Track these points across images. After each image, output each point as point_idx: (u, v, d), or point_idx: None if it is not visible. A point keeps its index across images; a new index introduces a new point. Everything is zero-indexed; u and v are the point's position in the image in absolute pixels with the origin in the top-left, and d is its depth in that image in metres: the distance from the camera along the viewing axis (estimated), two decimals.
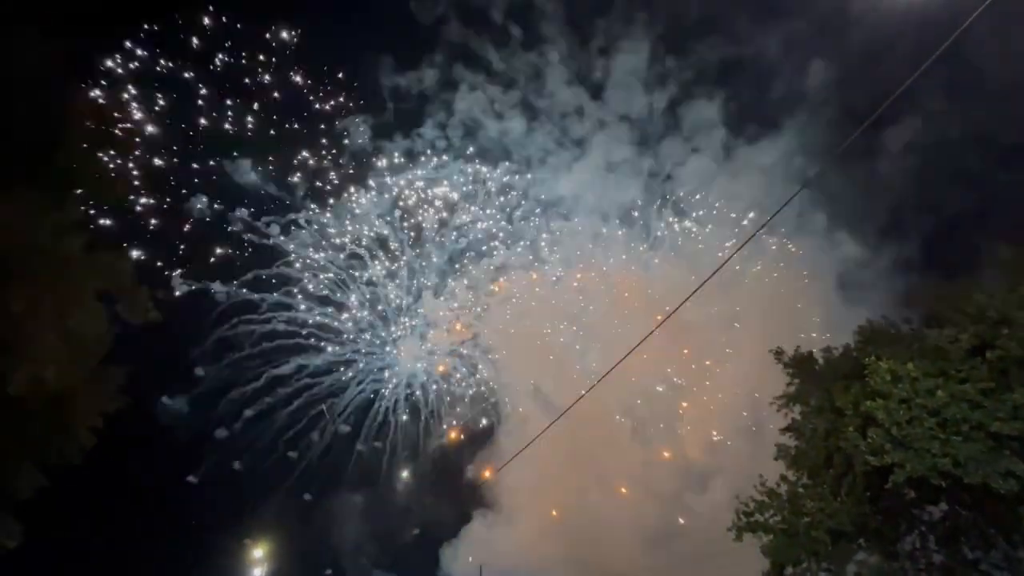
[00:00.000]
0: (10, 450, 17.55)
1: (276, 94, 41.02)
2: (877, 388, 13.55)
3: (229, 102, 39.84)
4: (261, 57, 40.19)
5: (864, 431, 13.84)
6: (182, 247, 39.50)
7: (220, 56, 39.41)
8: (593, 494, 40.87)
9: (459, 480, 42.81)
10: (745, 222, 42.96)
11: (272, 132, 41.39)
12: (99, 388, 20.50)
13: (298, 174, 42.95)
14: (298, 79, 41.62)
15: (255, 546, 33.98)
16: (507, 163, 46.47)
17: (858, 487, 14.46)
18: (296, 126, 42.27)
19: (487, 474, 40.53)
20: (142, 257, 37.18)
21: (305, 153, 42.76)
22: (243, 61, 39.99)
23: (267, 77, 40.44)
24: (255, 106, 40.65)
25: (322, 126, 43.07)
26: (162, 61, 37.62)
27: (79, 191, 21.15)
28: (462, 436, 43.82)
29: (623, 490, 41.20)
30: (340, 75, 42.46)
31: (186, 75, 38.56)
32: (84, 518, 30.00)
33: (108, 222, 33.20)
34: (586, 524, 38.87)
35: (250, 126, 40.54)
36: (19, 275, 17.14)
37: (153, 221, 37.99)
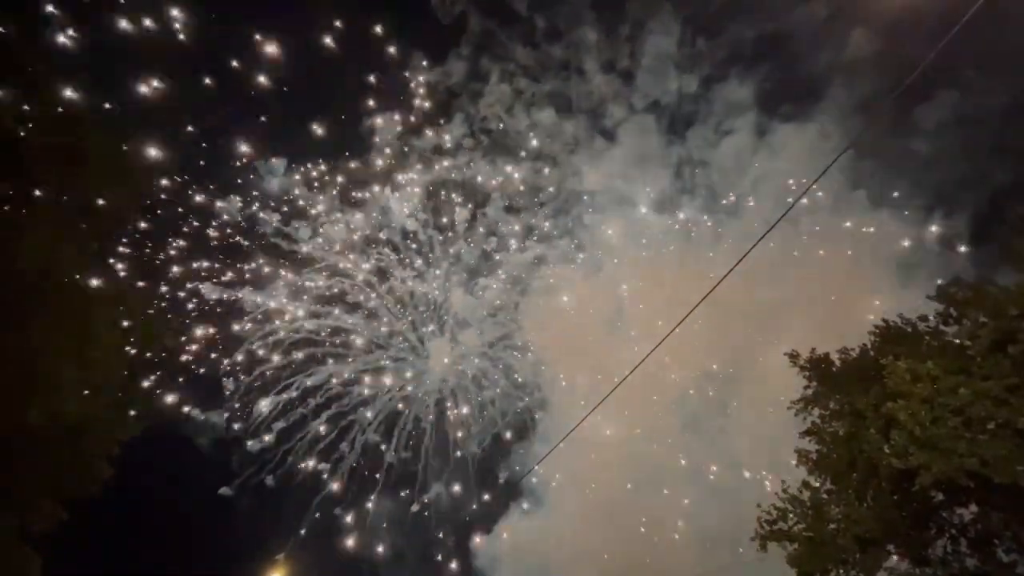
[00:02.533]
0: (28, 482, 17.67)
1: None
2: (897, 389, 13.31)
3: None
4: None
5: (886, 433, 13.56)
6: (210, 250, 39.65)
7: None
8: (641, 492, 40.15)
9: (494, 480, 42.86)
10: (790, 199, 41.84)
11: (299, 130, 41.44)
12: (116, 417, 20.69)
13: (326, 174, 42.82)
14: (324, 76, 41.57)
15: (280, 567, 33.59)
16: (537, 155, 46.17)
17: (883, 491, 14.11)
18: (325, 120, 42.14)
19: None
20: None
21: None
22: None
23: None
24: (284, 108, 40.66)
25: (349, 123, 43.11)
26: None
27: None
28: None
29: (667, 488, 40.28)
30: (369, 74, 42.75)
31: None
32: (105, 545, 29.95)
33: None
34: (632, 522, 38.26)
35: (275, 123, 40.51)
36: (38, 307, 17.44)
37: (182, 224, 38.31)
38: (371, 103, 42.98)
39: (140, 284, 35.45)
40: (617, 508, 39.19)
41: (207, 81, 37.59)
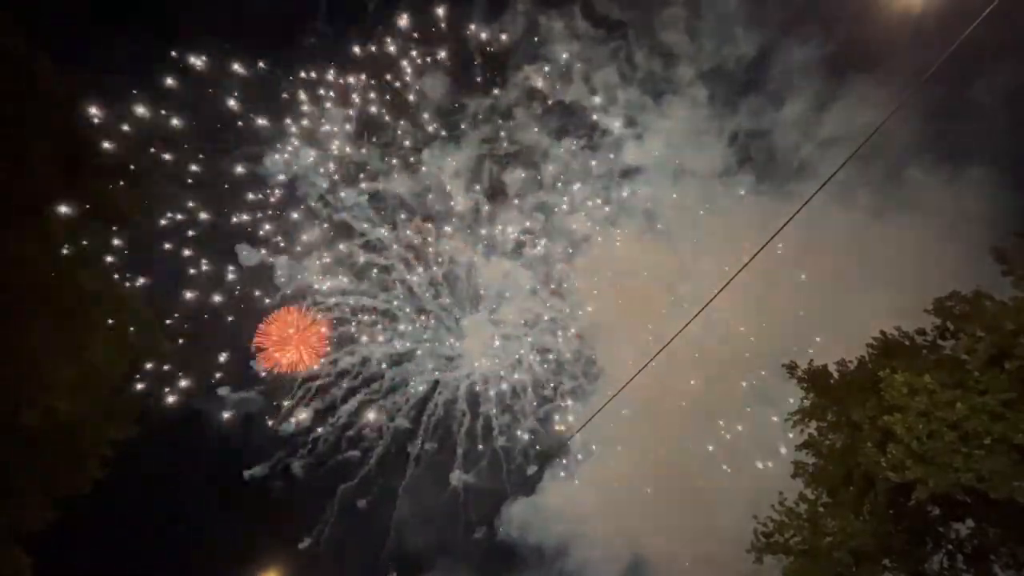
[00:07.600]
0: (20, 481, 17.56)
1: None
2: (894, 402, 13.28)
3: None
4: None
5: (883, 446, 13.51)
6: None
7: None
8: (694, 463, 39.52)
9: (527, 456, 42.45)
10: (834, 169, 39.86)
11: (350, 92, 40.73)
12: (112, 418, 20.59)
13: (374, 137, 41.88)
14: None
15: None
16: (592, 119, 44.84)
17: (880, 505, 14.04)
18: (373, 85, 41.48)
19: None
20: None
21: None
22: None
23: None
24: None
25: (398, 83, 42.07)
26: None
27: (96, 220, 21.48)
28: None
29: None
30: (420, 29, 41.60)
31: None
32: (98, 544, 29.54)
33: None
34: (683, 492, 37.54)
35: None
36: (36, 307, 17.40)
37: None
38: (420, 63, 42.02)
39: (141, 281, 35.18)
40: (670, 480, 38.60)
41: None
